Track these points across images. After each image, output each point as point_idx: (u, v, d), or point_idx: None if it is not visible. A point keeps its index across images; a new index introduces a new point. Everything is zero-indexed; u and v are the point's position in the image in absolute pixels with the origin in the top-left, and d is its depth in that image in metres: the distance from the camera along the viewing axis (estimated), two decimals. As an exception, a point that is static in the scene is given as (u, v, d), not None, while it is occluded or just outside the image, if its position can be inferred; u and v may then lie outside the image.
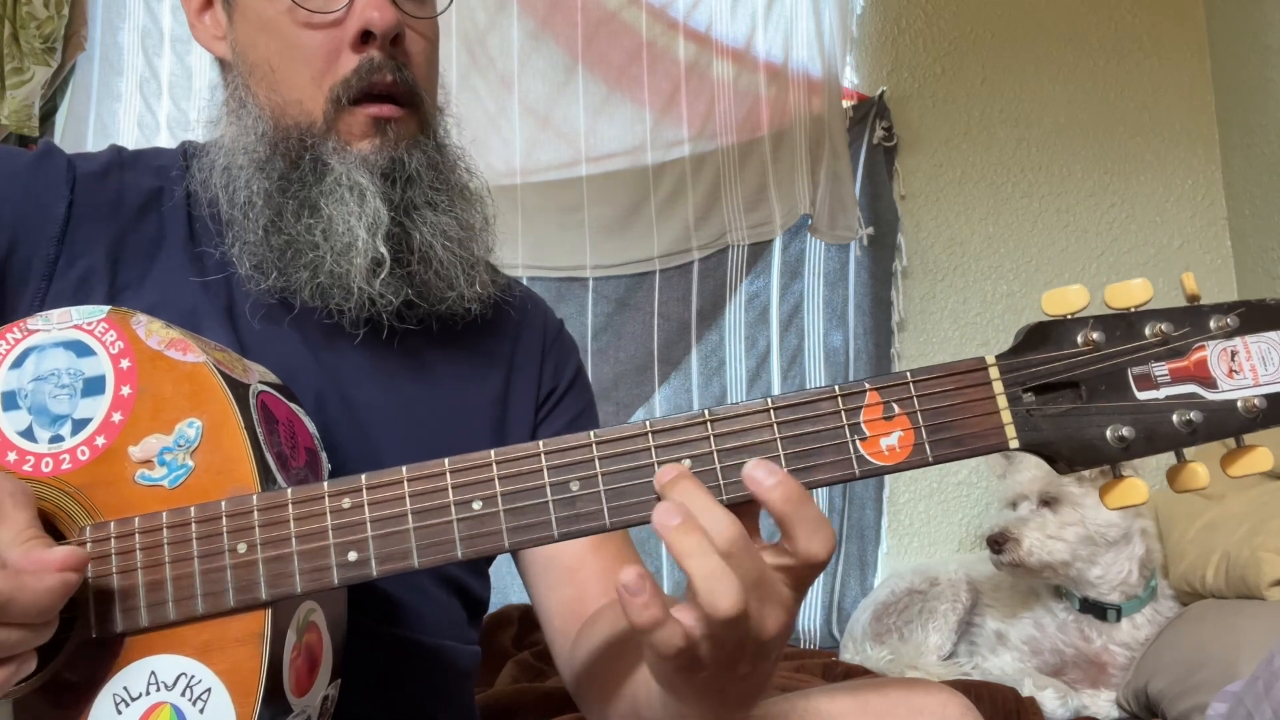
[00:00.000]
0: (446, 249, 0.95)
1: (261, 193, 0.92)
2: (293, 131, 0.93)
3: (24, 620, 0.60)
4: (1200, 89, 2.98)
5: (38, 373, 0.72)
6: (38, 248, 0.88)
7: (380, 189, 0.91)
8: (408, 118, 0.95)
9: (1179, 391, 0.68)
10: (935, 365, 0.69)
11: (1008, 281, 2.90)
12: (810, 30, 2.79)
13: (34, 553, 0.62)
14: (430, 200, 0.95)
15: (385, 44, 0.92)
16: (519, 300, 1.11)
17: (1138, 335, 0.69)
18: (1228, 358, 0.68)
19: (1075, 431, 0.68)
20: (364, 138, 0.93)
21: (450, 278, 0.95)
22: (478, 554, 0.67)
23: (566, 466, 0.67)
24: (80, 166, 0.94)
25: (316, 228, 0.91)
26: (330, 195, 0.91)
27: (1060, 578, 2.06)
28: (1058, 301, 0.70)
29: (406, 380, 0.98)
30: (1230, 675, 1.61)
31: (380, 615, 0.90)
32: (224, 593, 0.66)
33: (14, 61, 2.33)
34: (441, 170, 0.97)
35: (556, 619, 1.01)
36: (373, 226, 0.90)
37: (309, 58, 0.92)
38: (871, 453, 0.68)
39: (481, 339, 1.04)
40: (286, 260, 0.92)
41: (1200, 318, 0.69)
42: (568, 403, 1.10)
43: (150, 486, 0.69)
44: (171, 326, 0.74)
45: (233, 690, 0.65)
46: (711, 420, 0.68)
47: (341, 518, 0.67)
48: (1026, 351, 0.69)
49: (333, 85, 0.92)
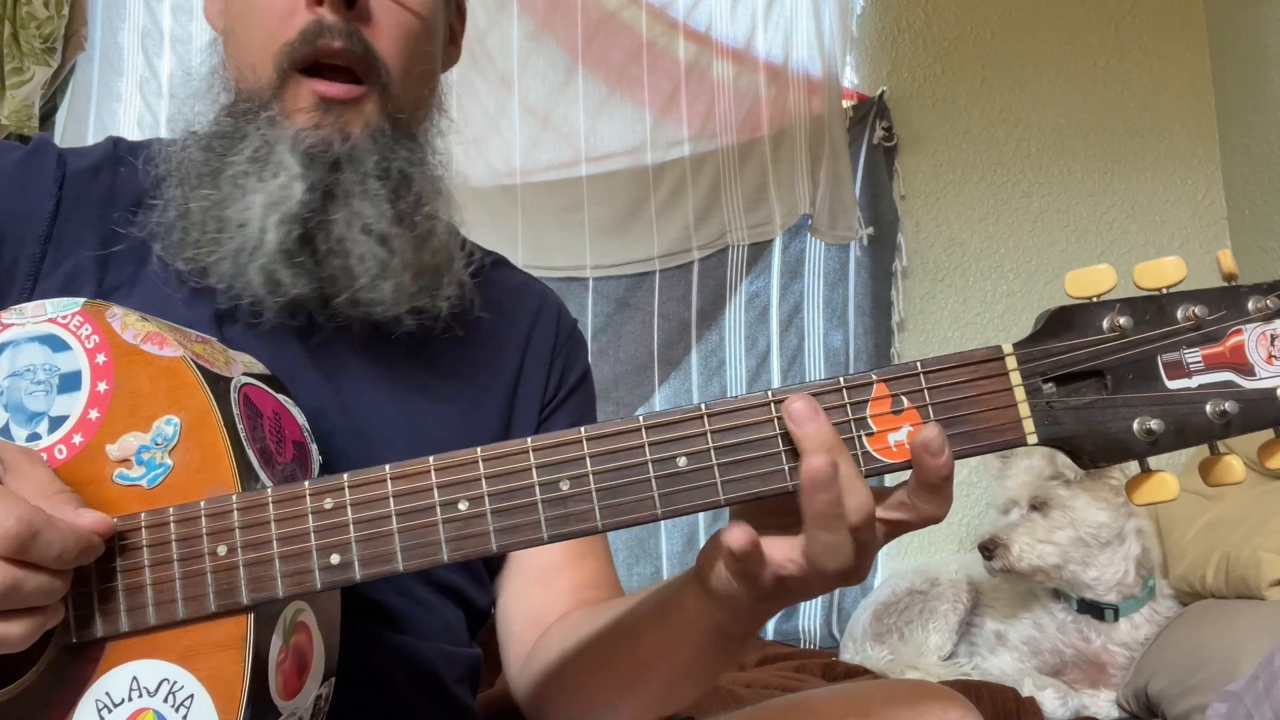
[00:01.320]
0: (371, 247, 0.86)
1: (187, 163, 0.87)
2: (242, 100, 0.87)
3: (46, 560, 0.59)
4: (1200, 89, 2.97)
5: (13, 368, 0.70)
6: (23, 246, 0.86)
7: (300, 168, 0.83)
8: (362, 99, 0.87)
9: (1213, 379, 0.63)
10: (948, 354, 0.65)
11: (1008, 281, 2.89)
12: (810, 30, 2.78)
13: (63, 509, 0.62)
14: (367, 191, 0.86)
15: (338, 5, 0.84)
16: (534, 298, 1.08)
17: (1169, 319, 0.64)
18: (1267, 342, 0.63)
19: (1099, 425, 0.63)
20: (306, 113, 0.85)
21: (373, 278, 0.86)
22: (464, 556, 0.65)
23: (556, 465, 0.65)
24: (72, 163, 0.91)
25: (213, 199, 0.85)
26: (236, 167, 0.84)
27: (1054, 581, 2.05)
28: (1083, 282, 0.65)
29: (409, 386, 0.95)
30: (1230, 675, 1.61)
31: (374, 618, 0.89)
32: (205, 596, 0.65)
33: (14, 61, 2.33)
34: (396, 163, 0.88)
35: (517, 624, 0.98)
36: (272, 205, 0.83)
37: (264, 16, 0.86)
38: (879, 449, 0.64)
39: (489, 342, 1.01)
40: (186, 235, 0.86)
41: (1238, 299, 0.63)
42: (569, 407, 1.06)
43: (128, 486, 0.68)
44: (148, 319, 0.72)
45: (215, 696, 0.64)
46: (709, 415, 0.64)
47: (323, 519, 0.65)
48: (1047, 339, 0.64)
49: (278, 49, 0.85)
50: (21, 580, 0.59)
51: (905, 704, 0.79)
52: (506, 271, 1.10)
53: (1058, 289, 2.39)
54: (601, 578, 0.99)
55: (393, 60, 0.88)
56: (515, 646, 0.98)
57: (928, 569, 2.36)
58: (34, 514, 0.59)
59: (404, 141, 0.90)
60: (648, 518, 0.65)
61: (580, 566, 0.98)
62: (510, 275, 1.10)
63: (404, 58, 0.89)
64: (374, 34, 0.87)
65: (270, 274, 0.84)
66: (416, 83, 0.92)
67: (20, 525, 0.57)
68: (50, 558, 0.59)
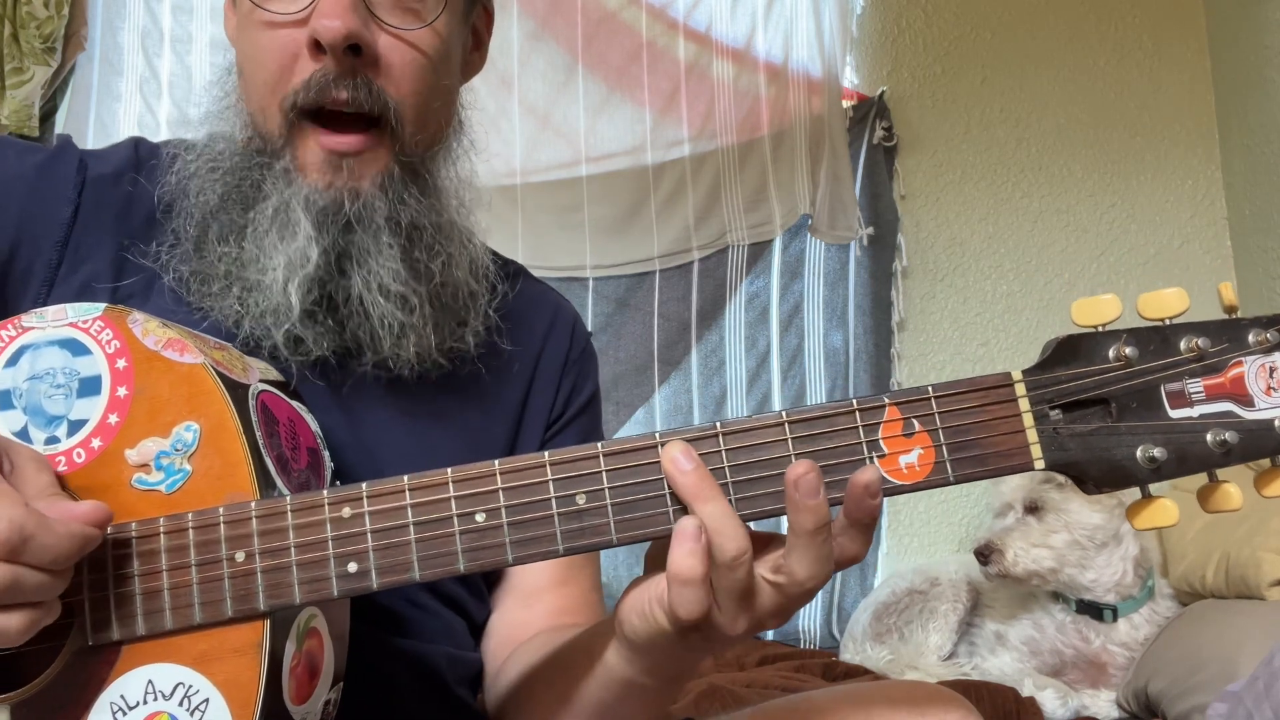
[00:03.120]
0: (390, 305, 0.85)
1: (202, 204, 0.87)
2: (255, 142, 0.86)
3: (41, 563, 0.59)
4: (1200, 89, 2.97)
5: (33, 371, 0.71)
6: (40, 251, 0.86)
7: (314, 231, 0.83)
8: (374, 148, 0.85)
9: (1214, 410, 0.65)
10: (958, 380, 0.66)
11: (1008, 281, 2.89)
12: (810, 30, 2.78)
13: (59, 504, 0.62)
14: (380, 248, 0.85)
15: (339, 55, 0.81)
16: (548, 311, 1.07)
17: (1173, 350, 0.66)
18: (1266, 374, 0.65)
19: (1104, 452, 0.65)
20: (316, 169, 0.84)
21: (395, 338, 0.86)
22: (480, 567, 0.66)
23: (572, 479, 0.66)
24: (93, 168, 0.90)
25: (232, 256, 0.84)
26: (256, 226, 0.84)
27: (1051, 584, 2.05)
28: (1089, 311, 0.66)
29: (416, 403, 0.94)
30: (1230, 675, 1.61)
31: (380, 624, 0.89)
32: (222, 602, 0.66)
33: (14, 61, 2.33)
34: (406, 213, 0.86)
35: (493, 640, 0.99)
36: (292, 268, 0.83)
37: (266, 61, 0.84)
38: (890, 470, 0.65)
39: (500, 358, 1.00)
40: (200, 285, 0.86)
41: (1239, 332, 0.65)
42: (574, 428, 1.05)
43: (147, 491, 0.68)
44: (169, 325, 0.73)
45: (231, 701, 0.64)
46: (724, 433, 0.66)
47: (341, 528, 0.66)
48: (1055, 366, 0.66)
49: (284, 95, 0.83)
50: (20, 577, 0.59)
51: (905, 704, 0.79)
52: (522, 284, 1.07)
53: (1058, 289, 2.41)
54: (581, 604, 1.00)
55: (405, 100, 0.86)
56: (489, 661, 0.99)
57: (928, 569, 2.37)
58: (27, 518, 0.58)
59: (415, 190, 0.88)
60: (661, 532, 0.66)
61: (560, 593, 0.99)
62: (526, 287, 1.07)
63: (417, 95, 0.87)
64: (384, 76, 0.84)
65: (295, 336, 0.84)
66: (433, 118, 0.90)
67: (11, 529, 0.57)
68: (45, 561, 0.60)
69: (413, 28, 0.85)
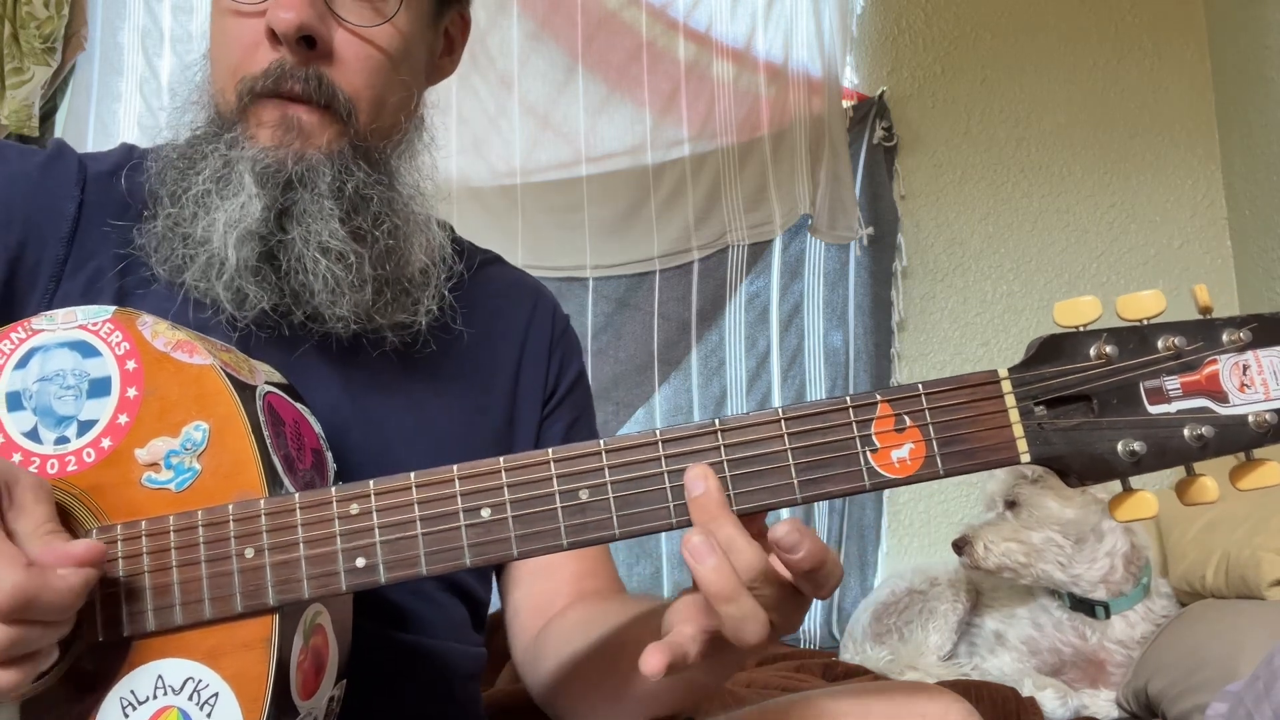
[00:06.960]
0: (327, 261, 0.87)
1: (167, 182, 0.89)
2: (214, 121, 0.89)
3: (46, 619, 0.60)
4: (1200, 89, 2.98)
5: (43, 373, 0.71)
6: (47, 247, 0.88)
7: (256, 188, 0.85)
8: (325, 122, 0.88)
9: (1190, 405, 0.67)
10: (947, 378, 0.69)
11: (1008, 281, 2.90)
12: (810, 30, 2.79)
13: (54, 545, 0.62)
14: (321, 210, 0.87)
15: (294, 46, 0.85)
16: (529, 295, 1.11)
17: (1150, 348, 0.68)
18: (1239, 372, 0.68)
19: (1086, 445, 0.68)
20: (269, 130, 0.86)
21: (331, 294, 0.88)
22: (486, 562, 0.67)
23: (576, 475, 0.67)
24: (91, 166, 0.93)
25: (177, 215, 0.87)
26: (199, 187, 0.87)
27: (1024, 578, 2.05)
28: (1070, 312, 0.69)
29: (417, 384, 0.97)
30: (1230, 675, 1.61)
31: (383, 619, 0.90)
32: (231, 597, 0.66)
33: (14, 61, 2.33)
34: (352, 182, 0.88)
35: (523, 614, 1.01)
36: (232, 224, 0.85)
37: (230, 47, 0.88)
38: (882, 464, 0.67)
39: (487, 339, 1.04)
40: (166, 248, 0.88)
41: (1213, 331, 0.68)
42: (568, 405, 1.09)
43: (157, 489, 0.69)
44: (178, 327, 0.74)
45: (240, 695, 0.65)
46: (722, 430, 0.67)
47: (350, 523, 0.67)
48: (1039, 364, 0.69)
49: (242, 79, 0.86)
50: (23, 636, 0.59)
51: (905, 705, 0.80)
52: (500, 269, 1.12)
53: (1058, 289, 2.41)
54: (597, 566, 1.03)
55: (360, 94, 0.89)
56: (522, 637, 1.01)
57: (927, 569, 2.37)
58: (29, 580, 0.58)
59: (364, 165, 0.90)
60: (662, 526, 0.67)
61: (578, 557, 1.01)
62: (504, 272, 1.12)
63: (372, 89, 0.90)
64: (339, 71, 0.88)
65: (237, 289, 0.86)
66: (389, 112, 0.93)
67: (15, 594, 0.57)
68: (49, 617, 0.60)
69: (371, 24, 0.89)
